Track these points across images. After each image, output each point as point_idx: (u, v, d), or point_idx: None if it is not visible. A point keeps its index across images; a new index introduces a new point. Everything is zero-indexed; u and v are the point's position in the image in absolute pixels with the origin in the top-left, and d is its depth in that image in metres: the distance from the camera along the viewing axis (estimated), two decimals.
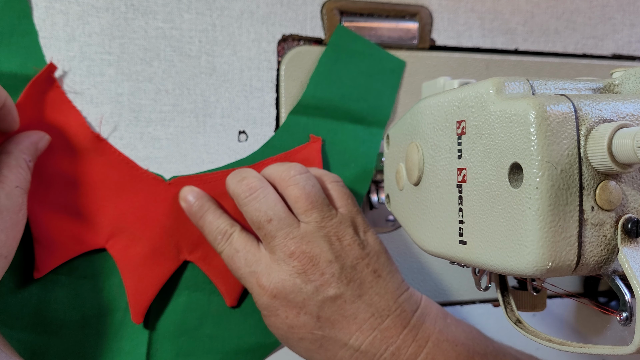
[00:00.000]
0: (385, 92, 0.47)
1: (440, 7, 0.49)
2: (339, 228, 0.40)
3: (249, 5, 0.45)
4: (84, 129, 0.42)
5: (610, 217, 0.25)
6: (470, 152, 0.29)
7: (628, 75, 0.29)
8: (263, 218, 0.39)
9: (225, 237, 0.40)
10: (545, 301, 0.35)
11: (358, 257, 0.39)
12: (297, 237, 0.39)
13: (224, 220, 0.41)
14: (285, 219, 0.39)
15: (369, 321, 0.39)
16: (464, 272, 0.51)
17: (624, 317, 0.25)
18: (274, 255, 0.39)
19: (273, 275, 0.38)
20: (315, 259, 0.38)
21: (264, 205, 0.39)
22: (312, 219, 0.39)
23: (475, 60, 0.50)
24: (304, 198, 0.39)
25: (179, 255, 0.43)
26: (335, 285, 0.38)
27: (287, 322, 0.39)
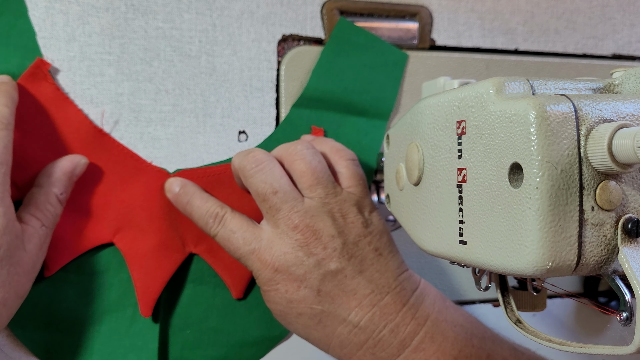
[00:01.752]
0: (387, 85, 0.47)
1: (440, 7, 0.49)
2: (343, 205, 0.40)
3: (249, 5, 0.45)
4: (86, 124, 0.41)
5: (611, 217, 0.25)
6: (470, 152, 0.29)
7: (628, 75, 0.29)
8: (269, 190, 0.39)
9: (217, 219, 0.40)
10: (545, 301, 0.35)
11: (360, 235, 0.39)
12: (301, 211, 0.38)
13: (213, 203, 0.41)
14: (291, 193, 0.39)
15: (368, 297, 0.39)
16: (464, 272, 0.51)
17: (624, 317, 0.25)
18: (277, 229, 0.39)
19: (275, 249, 0.38)
20: (318, 233, 0.38)
21: (270, 177, 0.39)
22: (316, 195, 0.39)
23: (475, 60, 0.50)
24: (310, 173, 0.39)
25: (184, 247, 0.43)
26: (337, 259, 0.38)
27: (287, 297, 0.39)
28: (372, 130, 0.47)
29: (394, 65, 0.48)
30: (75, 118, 0.41)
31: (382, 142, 0.47)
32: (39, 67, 0.40)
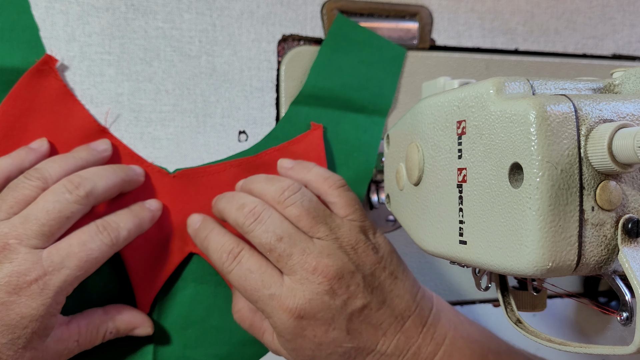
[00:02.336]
0: (386, 80, 0.47)
1: (440, 7, 0.49)
2: (351, 236, 0.39)
3: (249, 5, 0.45)
4: (89, 122, 0.42)
5: (611, 217, 0.25)
6: (470, 152, 0.29)
7: (628, 75, 0.29)
8: (272, 238, 0.37)
9: (232, 255, 0.38)
10: (545, 301, 0.35)
11: (374, 263, 0.39)
12: (315, 252, 0.37)
13: (229, 238, 0.39)
14: (296, 235, 0.38)
15: (392, 325, 0.39)
16: (464, 272, 0.51)
17: (624, 317, 0.25)
18: (294, 275, 0.37)
19: (298, 296, 0.37)
20: (339, 272, 0.37)
21: (271, 225, 0.38)
22: (322, 233, 0.38)
23: (475, 60, 0.50)
24: (305, 215, 0.38)
25: (184, 247, 0.43)
26: (361, 295, 0.38)
27: (316, 341, 0.38)
28: (371, 126, 0.47)
29: (392, 61, 0.48)
30: (80, 115, 0.41)
31: (381, 138, 0.47)
32: (46, 63, 0.40)
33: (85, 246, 0.36)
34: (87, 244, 0.36)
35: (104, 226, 0.37)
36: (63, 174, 0.37)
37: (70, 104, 0.41)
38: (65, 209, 0.36)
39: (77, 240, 0.36)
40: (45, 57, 0.40)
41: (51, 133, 0.41)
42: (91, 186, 0.37)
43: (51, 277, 0.34)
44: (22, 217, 0.35)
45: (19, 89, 0.40)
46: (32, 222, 0.35)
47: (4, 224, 0.35)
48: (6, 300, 0.33)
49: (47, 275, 0.34)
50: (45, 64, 0.40)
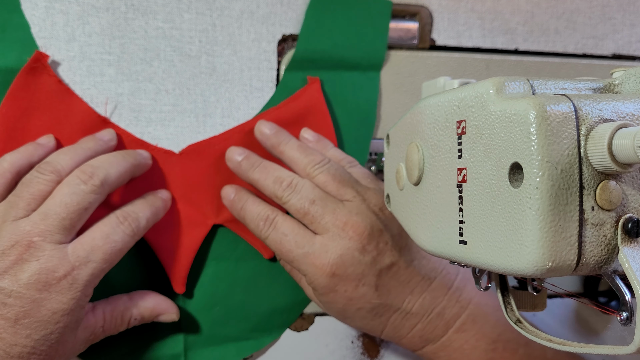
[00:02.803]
0: (375, 35, 0.47)
1: (440, 7, 0.49)
2: (377, 199, 0.41)
3: (249, 5, 0.45)
4: (89, 113, 0.42)
5: (611, 216, 0.25)
6: (470, 152, 0.29)
7: (628, 75, 0.29)
8: (306, 202, 0.39)
9: (267, 222, 0.40)
10: (545, 301, 0.35)
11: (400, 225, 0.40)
12: (345, 211, 0.39)
13: (264, 207, 0.41)
14: (327, 198, 0.40)
15: (420, 284, 0.40)
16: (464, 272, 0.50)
17: (624, 317, 0.25)
18: (327, 233, 0.39)
19: (330, 252, 0.39)
20: (368, 229, 0.39)
21: (304, 192, 0.40)
22: (350, 195, 0.40)
23: (475, 60, 0.50)
24: (332, 180, 0.40)
25: (206, 220, 0.44)
26: (390, 253, 0.39)
27: (346, 295, 0.39)
28: (367, 82, 0.47)
29: (379, 15, 0.47)
30: (79, 108, 0.41)
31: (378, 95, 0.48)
32: (38, 60, 0.40)
33: (109, 238, 0.37)
34: (110, 235, 0.37)
35: (124, 217, 0.38)
36: (74, 165, 0.38)
37: (68, 98, 0.41)
38: (83, 200, 0.36)
39: (100, 233, 0.37)
40: (35, 54, 0.40)
41: (53, 129, 0.41)
42: (104, 174, 0.37)
43: (79, 272, 0.35)
44: (42, 214, 0.35)
45: (15, 90, 0.40)
46: (52, 218, 0.35)
47: (25, 222, 0.35)
48: (37, 297, 0.34)
49: (75, 270, 0.35)
50: (37, 61, 0.40)
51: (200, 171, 0.44)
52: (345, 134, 0.47)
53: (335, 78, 0.47)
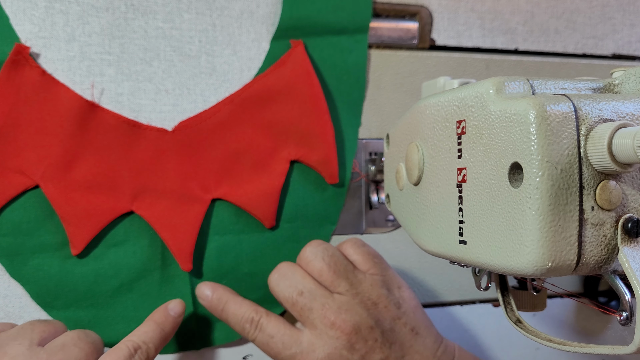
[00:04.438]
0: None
1: (440, 7, 0.49)
2: (372, 291, 0.40)
3: (249, 5, 0.45)
4: (76, 100, 0.41)
5: (610, 216, 0.25)
6: (470, 152, 0.29)
7: (628, 75, 0.29)
8: (294, 292, 0.39)
9: (253, 324, 0.40)
10: (545, 301, 0.35)
11: (395, 317, 0.40)
12: (334, 307, 0.39)
13: (247, 308, 0.41)
14: (317, 290, 0.39)
15: None
16: (464, 272, 0.51)
17: (624, 317, 0.25)
18: (314, 329, 0.38)
19: (318, 351, 0.38)
20: (356, 327, 0.38)
21: (293, 280, 0.40)
22: (343, 288, 0.39)
23: (475, 60, 0.50)
24: (327, 269, 0.40)
25: (205, 195, 0.44)
26: (379, 350, 0.38)
27: None
28: (355, 45, 0.47)
29: None
30: (65, 96, 0.41)
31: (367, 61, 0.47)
32: (19, 53, 0.40)
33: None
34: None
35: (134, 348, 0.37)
36: None
37: (54, 87, 0.41)
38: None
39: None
40: (15, 47, 0.40)
41: (43, 120, 0.40)
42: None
43: None
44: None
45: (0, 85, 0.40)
46: None
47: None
48: None
49: None
50: (17, 54, 0.40)
51: (195, 146, 0.44)
52: (337, 99, 0.47)
53: (323, 44, 0.46)
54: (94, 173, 0.42)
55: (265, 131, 0.44)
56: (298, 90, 0.45)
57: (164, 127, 0.43)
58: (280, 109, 0.44)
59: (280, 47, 0.46)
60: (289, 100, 0.45)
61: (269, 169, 0.45)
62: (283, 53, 0.45)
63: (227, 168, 0.44)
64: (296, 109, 0.45)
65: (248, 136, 0.44)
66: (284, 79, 0.45)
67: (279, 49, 0.45)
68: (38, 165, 0.40)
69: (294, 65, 0.45)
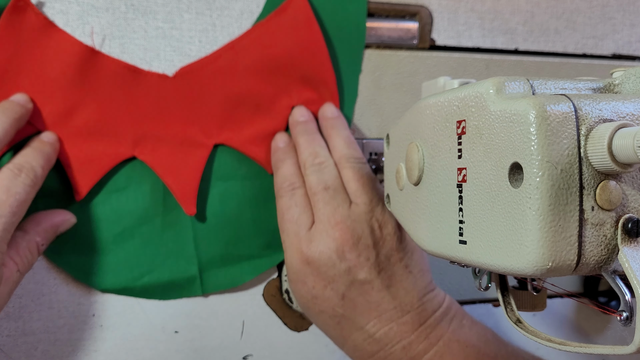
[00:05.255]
0: None
1: (440, 7, 0.49)
2: (384, 216, 0.41)
3: (249, 5, 0.45)
4: (77, 45, 0.41)
5: (611, 216, 0.25)
6: (470, 152, 0.29)
7: (628, 75, 0.29)
8: (322, 185, 0.41)
9: (290, 186, 0.42)
10: (545, 301, 0.35)
11: (394, 249, 0.40)
12: (345, 212, 0.40)
13: (296, 172, 0.42)
14: (341, 192, 0.41)
15: (389, 312, 0.39)
16: (464, 272, 0.51)
17: (624, 317, 0.25)
18: (320, 223, 0.40)
19: (314, 243, 0.39)
20: (355, 239, 0.39)
21: (326, 175, 0.41)
22: (362, 201, 0.40)
23: (475, 60, 0.50)
24: (357, 179, 0.41)
25: (207, 140, 0.44)
26: (367, 270, 0.39)
27: (313, 292, 0.40)
28: None
29: None
30: (66, 41, 0.41)
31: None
32: None
33: (11, 191, 0.36)
34: (11, 188, 0.36)
35: (18, 168, 0.37)
36: None
37: (54, 33, 0.41)
38: None
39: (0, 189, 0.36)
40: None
41: (44, 67, 0.40)
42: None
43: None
44: None
45: (1, 31, 0.39)
46: None
47: None
48: None
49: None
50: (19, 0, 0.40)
51: (196, 92, 0.43)
52: (337, 46, 0.46)
53: None
54: (95, 119, 0.41)
55: (266, 77, 0.44)
56: (299, 37, 0.44)
57: (165, 73, 0.43)
58: (281, 55, 0.44)
59: None
60: (289, 47, 0.44)
61: (271, 114, 0.45)
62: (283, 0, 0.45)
63: (229, 113, 0.44)
64: (297, 56, 0.44)
65: (249, 82, 0.44)
66: (284, 25, 0.44)
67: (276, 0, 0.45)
68: (40, 111, 0.40)
69: (295, 12, 0.44)
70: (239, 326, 0.46)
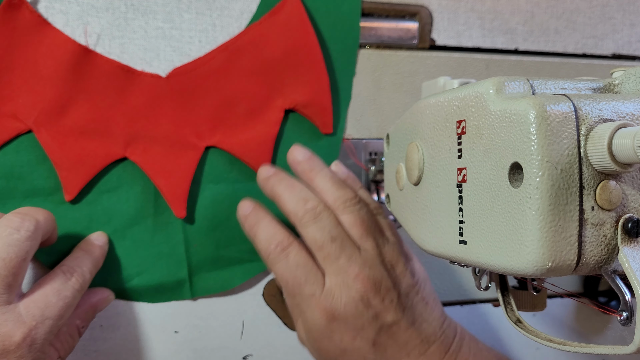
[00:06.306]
0: None
1: (440, 7, 0.49)
2: (393, 255, 0.40)
3: (249, 5, 0.45)
4: (70, 44, 0.41)
5: (611, 216, 0.25)
6: (470, 152, 0.29)
7: (628, 75, 0.29)
8: (327, 237, 0.38)
9: (280, 247, 0.39)
10: (545, 301, 0.35)
11: (410, 285, 0.40)
12: (360, 261, 0.38)
13: (281, 230, 0.40)
14: (347, 241, 0.39)
15: (417, 347, 0.39)
16: (464, 272, 0.51)
17: (624, 317, 0.25)
18: (336, 277, 0.38)
19: (335, 298, 0.38)
20: (377, 285, 0.38)
21: (328, 225, 0.39)
22: (369, 245, 0.39)
23: (475, 60, 0.50)
24: (359, 224, 0.39)
25: (198, 142, 0.43)
26: (394, 312, 0.38)
27: (341, 346, 0.38)
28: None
29: None
30: (59, 39, 0.41)
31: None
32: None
33: (61, 294, 0.36)
34: (61, 292, 0.36)
35: (70, 272, 0.38)
36: None
37: (47, 31, 0.40)
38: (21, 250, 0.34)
39: (51, 290, 0.36)
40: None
41: (37, 65, 0.40)
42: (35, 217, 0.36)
43: (37, 331, 0.34)
44: None
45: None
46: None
47: None
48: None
49: (33, 331, 0.34)
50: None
51: (189, 93, 0.43)
52: (331, 47, 0.46)
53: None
54: (87, 119, 0.41)
55: (259, 79, 0.44)
56: (292, 39, 0.44)
57: (157, 74, 0.43)
58: (274, 57, 0.44)
59: None
60: (283, 49, 0.44)
61: (263, 117, 0.45)
62: (277, 1, 0.45)
63: (221, 116, 0.44)
64: (291, 58, 0.44)
65: (242, 84, 0.44)
66: (278, 27, 0.44)
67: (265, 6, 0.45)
68: (31, 110, 0.40)
69: (289, 13, 0.44)
70: (239, 326, 0.46)
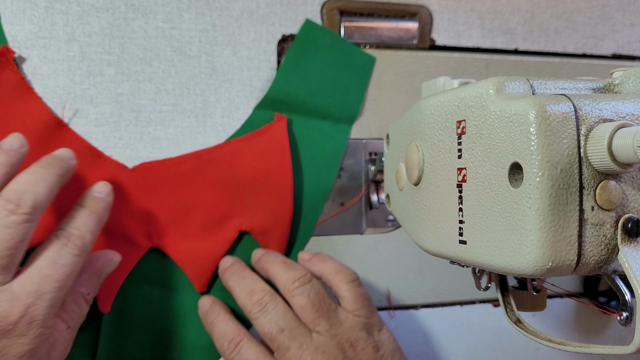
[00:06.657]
0: (353, 88, 0.47)
1: (440, 7, 0.49)
2: (351, 334, 0.40)
3: (249, 5, 0.45)
4: (45, 114, 0.41)
5: (610, 216, 0.25)
6: (470, 152, 0.29)
7: (628, 75, 0.29)
8: (274, 329, 0.39)
9: (232, 344, 0.40)
10: (545, 301, 0.35)
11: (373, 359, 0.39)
12: (311, 347, 0.38)
13: (232, 326, 0.41)
14: (297, 328, 0.39)
15: None
16: (464, 272, 0.51)
17: (624, 317, 0.25)
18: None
19: None
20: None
21: (275, 316, 0.39)
22: (322, 328, 0.39)
23: (475, 60, 0.50)
24: (310, 307, 0.39)
25: (145, 242, 0.43)
26: None
27: None
28: (336, 134, 0.47)
29: (361, 69, 0.47)
30: (36, 107, 0.41)
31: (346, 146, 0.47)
32: (3, 55, 0.40)
33: (57, 264, 0.34)
34: (57, 261, 0.34)
35: (66, 237, 0.35)
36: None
37: (27, 96, 0.40)
38: (17, 232, 0.32)
39: (46, 261, 0.34)
40: (1, 48, 0.40)
41: (8, 127, 0.40)
42: (33, 197, 0.33)
43: (35, 308, 0.32)
44: None
45: None
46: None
47: None
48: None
49: (30, 307, 0.32)
50: (2, 55, 0.40)
51: (150, 191, 0.43)
52: (306, 178, 0.46)
53: (305, 124, 0.46)
54: None
55: (223, 195, 0.44)
56: (268, 166, 0.44)
57: (124, 164, 0.43)
58: (244, 177, 0.44)
59: (262, 117, 0.45)
60: (255, 172, 0.44)
61: (216, 233, 0.44)
62: (263, 123, 0.45)
63: (175, 221, 0.43)
64: (260, 182, 0.44)
65: (205, 195, 0.43)
66: (257, 150, 0.44)
67: (260, 117, 0.45)
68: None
69: (272, 139, 0.44)
70: None
